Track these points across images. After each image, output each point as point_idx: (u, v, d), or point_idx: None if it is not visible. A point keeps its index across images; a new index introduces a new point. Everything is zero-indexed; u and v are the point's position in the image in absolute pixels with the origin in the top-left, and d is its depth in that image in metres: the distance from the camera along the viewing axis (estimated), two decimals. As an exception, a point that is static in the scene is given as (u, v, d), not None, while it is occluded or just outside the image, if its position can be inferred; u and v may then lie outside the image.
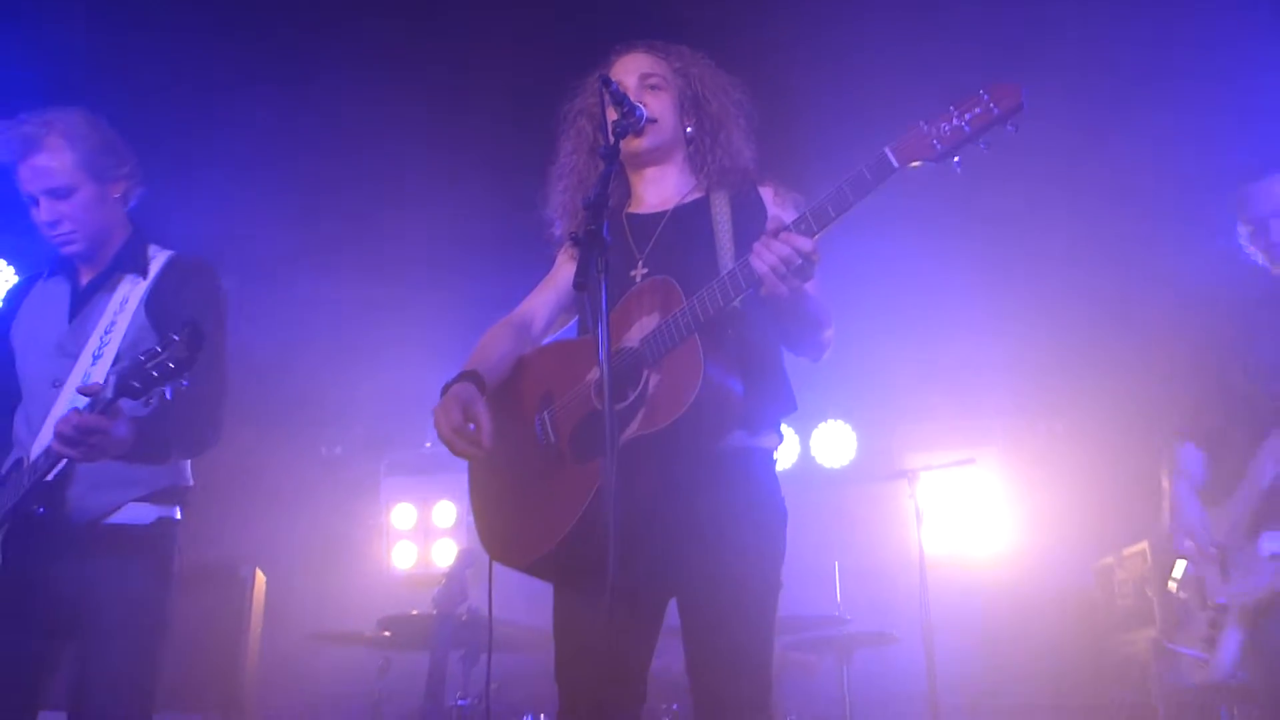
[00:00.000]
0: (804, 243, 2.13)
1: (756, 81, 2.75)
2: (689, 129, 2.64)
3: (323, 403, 6.53)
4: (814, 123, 4.19)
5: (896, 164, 2.11)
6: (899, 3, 4.26)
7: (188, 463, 2.96)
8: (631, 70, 2.62)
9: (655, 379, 2.28)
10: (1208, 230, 3.35)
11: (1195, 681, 3.17)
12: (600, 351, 2.04)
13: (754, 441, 2.44)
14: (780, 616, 2.40)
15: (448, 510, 6.68)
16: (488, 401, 2.39)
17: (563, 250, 2.74)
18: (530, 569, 2.42)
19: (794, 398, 2.53)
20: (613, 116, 2.46)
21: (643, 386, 2.29)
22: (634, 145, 2.56)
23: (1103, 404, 5.90)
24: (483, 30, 4.15)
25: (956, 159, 2.11)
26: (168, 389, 2.44)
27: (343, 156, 4.69)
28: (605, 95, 2.45)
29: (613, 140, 2.38)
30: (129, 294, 2.88)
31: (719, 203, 2.55)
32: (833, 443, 6.52)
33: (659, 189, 2.66)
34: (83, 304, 2.92)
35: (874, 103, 3.41)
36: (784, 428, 2.55)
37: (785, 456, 5.67)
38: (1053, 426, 6.33)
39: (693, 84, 2.65)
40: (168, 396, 2.48)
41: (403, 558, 6.64)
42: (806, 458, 6.49)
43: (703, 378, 2.19)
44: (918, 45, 4.13)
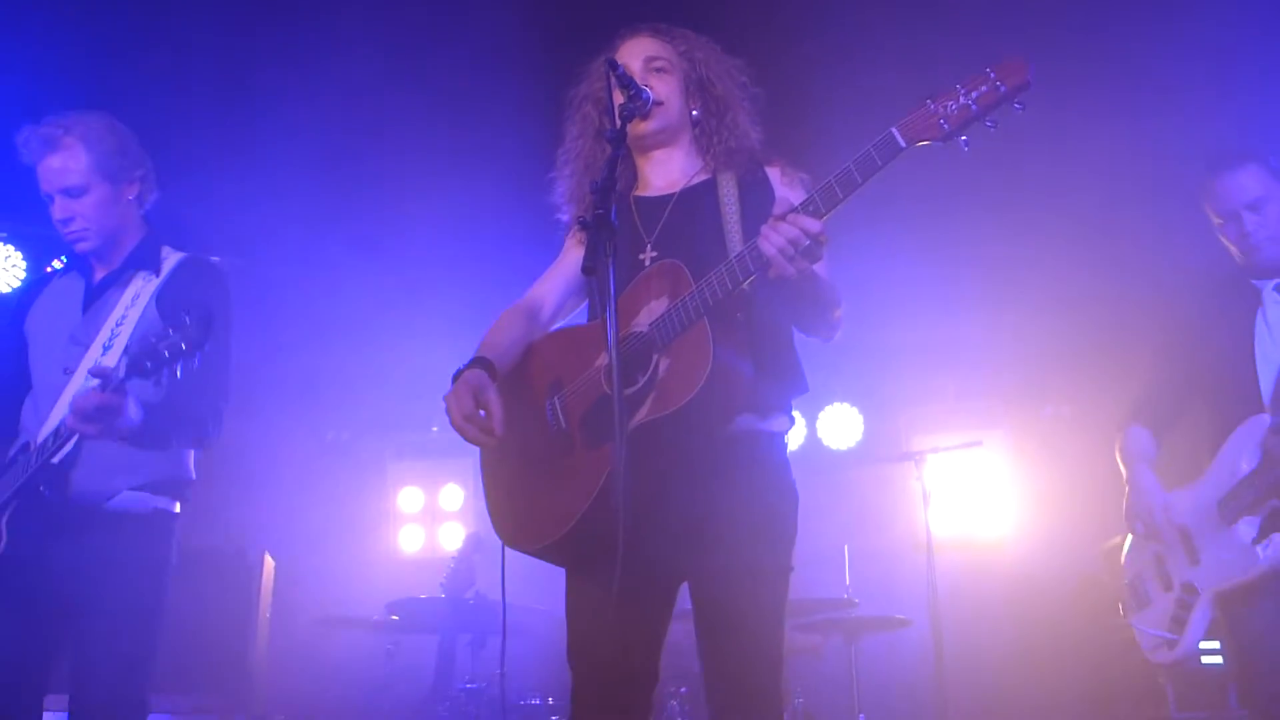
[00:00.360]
0: (812, 224, 2.11)
1: (762, 61, 2.74)
2: (695, 111, 2.62)
3: (330, 388, 6.56)
4: (819, 101, 4.17)
5: (904, 143, 2.08)
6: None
7: (190, 456, 3.02)
8: (637, 54, 2.60)
9: (665, 363, 2.27)
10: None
11: (1160, 660, 3.20)
12: (609, 336, 2.04)
13: (764, 424, 2.43)
14: (790, 600, 2.39)
15: (454, 494, 6.70)
16: (499, 387, 2.39)
17: (571, 235, 2.73)
18: (542, 553, 2.42)
19: (805, 379, 2.52)
20: (619, 100, 2.44)
21: (652, 371, 2.29)
22: (641, 129, 2.55)
23: (1109, 387, 5.86)
24: (492, 18, 4.14)
25: (964, 138, 2.08)
26: (178, 367, 2.49)
27: (352, 141, 4.69)
28: (611, 79, 2.44)
29: (619, 124, 2.37)
30: (141, 290, 2.97)
31: (726, 184, 2.54)
32: (839, 425, 6.51)
33: (666, 172, 2.64)
34: (96, 297, 3.01)
35: (880, 81, 3.39)
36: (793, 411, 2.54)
37: (792, 439, 5.68)
38: (1059, 409, 6.32)
39: (698, 67, 2.63)
40: (178, 375, 2.52)
41: (410, 541, 6.67)
42: (813, 440, 6.49)
43: (712, 361, 2.18)
44: (923, 24, 4.10)
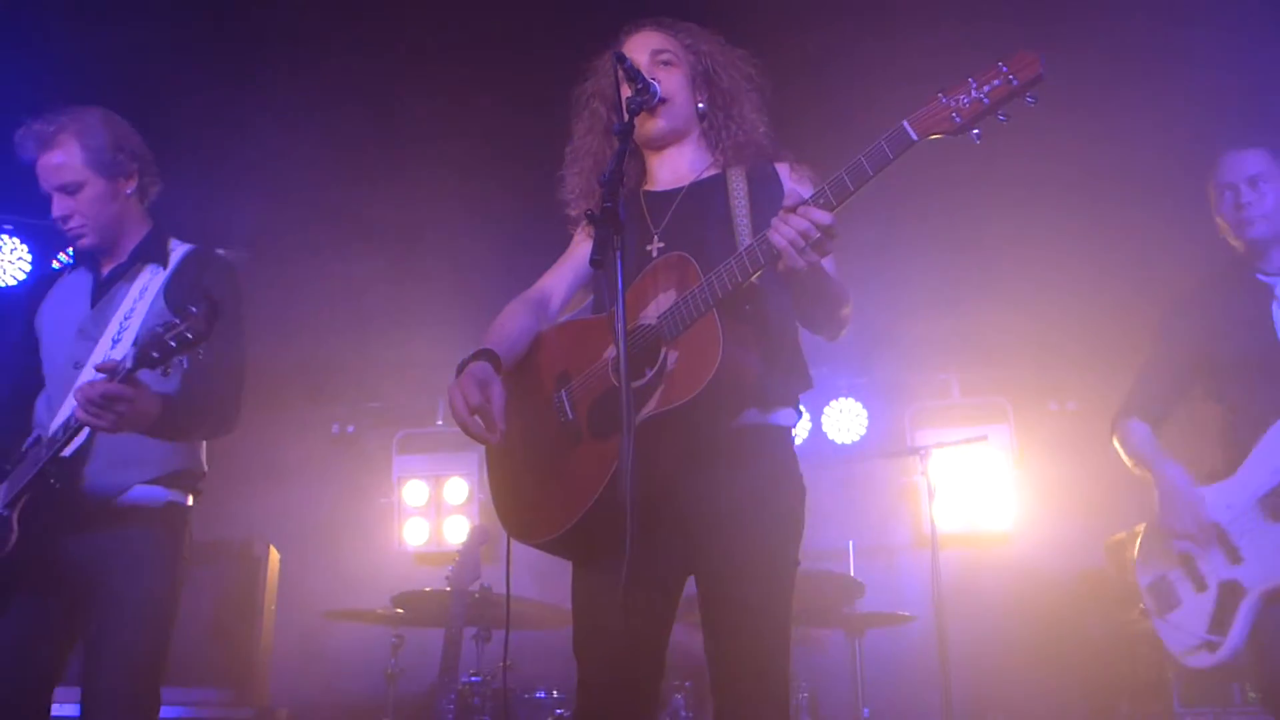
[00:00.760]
0: (822, 216, 2.11)
1: (772, 55, 2.73)
2: (701, 104, 2.62)
3: (335, 381, 6.57)
4: (830, 94, 4.17)
5: (915, 136, 2.07)
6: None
7: (203, 448, 3.03)
8: (643, 47, 2.61)
9: (673, 355, 2.27)
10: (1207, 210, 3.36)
11: (1198, 663, 3.09)
12: (618, 329, 2.04)
13: (771, 418, 2.43)
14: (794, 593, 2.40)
15: (459, 487, 6.70)
16: (505, 379, 2.38)
17: (579, 229, 2.74)
18: (548, 546, 2.43)
19: (810, 375, 2.53)
20: (626, 93, 2.46)
21: (661, 363, 2.29)
22: (649, 127, 2.55)
23: (1115, 383, 5.86)
24: (496, 13, 4.14)
25: (976, 130, 2.07)
26: (184, 359, 2.49)
27: (357, 133, 4.68)
28: (619, 71, 2.45)
29: (627, 117, 2.38)
30: (149, 283, 2.98)
31: (735, 179, 2.54)
32: (845, 420, 6.52)
33: (674, 167, 2.64)
34: (104, 291, 3.02)
35: (893, 73, 3.39)
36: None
37: (798, 433, 5.69)
38: (1064, 405, 6.31)
39: (703, 59, 2.64)
40: (185, 366, 2.52)
41: (415, 534, 6.68)
42: (818, 434, 6.49)
43: (721, 354, 2.18)
44: (932, 16, 4.10)
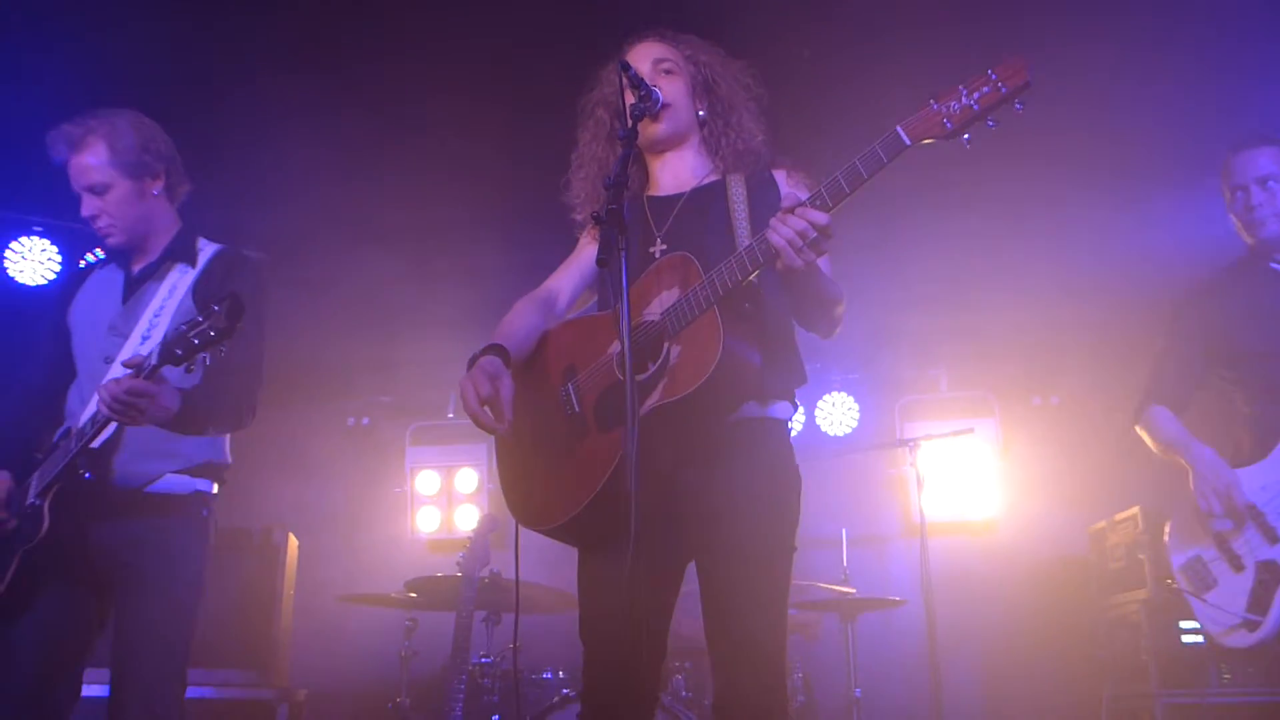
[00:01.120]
0: (819, 217, 2.18)
1: (770, 63, 2.81)
2: (701, 112, 2.70)
3: (351, 376, 6.66)
4: (824, 103, 4.23)
5: (909, 141, 2.14)
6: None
7: (227, 439, 3.10)
8: (645, 57, 2.69)
9: (676, 350, 2.35)
10: (1205, 205, 3.41)
11: (1236, 643, 3.10)
12: (622, 324, 2.12)
13: (769, 411, 2.50)
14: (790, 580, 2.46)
15: (469, 477, 6.83)
16: (513, 374, 2.46)
17: (585, 232, 2.82)
18: (554, 533, 2.50)
19: (805, 370, 2.61)
20: (630, 100, 2.55)
21: (664, 358, 2.37)
22: (652, 131, 2.64)
23: (1097, 377, 6.00)
24: (503, 19, 4.19)
25: (966, 136, 2.14)
26: (208, 355, 2.56)
27: (371, 129, 4.68)
28: (623, 79, 2.54)
29: (631, 123, 2.47)
30: (178, 281, 3.05)
31: (735, 185, 2.62)
32: (837, 413, 6.62)
33: (676, 172, 2.72)
34: (134, 289, 3.09)
35: (887, 83, 3.45)
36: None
37: (793, 426, 5.77)
38: (1047, 399, 6.40)
39: (703, 69, 2.72)
40: (208, 363, 2.60)
41: (427, 522, 6.80)
42: (812, 426, 6.60)
43: (722, 349, 2.25)
44: (925, 24, 4.14)
